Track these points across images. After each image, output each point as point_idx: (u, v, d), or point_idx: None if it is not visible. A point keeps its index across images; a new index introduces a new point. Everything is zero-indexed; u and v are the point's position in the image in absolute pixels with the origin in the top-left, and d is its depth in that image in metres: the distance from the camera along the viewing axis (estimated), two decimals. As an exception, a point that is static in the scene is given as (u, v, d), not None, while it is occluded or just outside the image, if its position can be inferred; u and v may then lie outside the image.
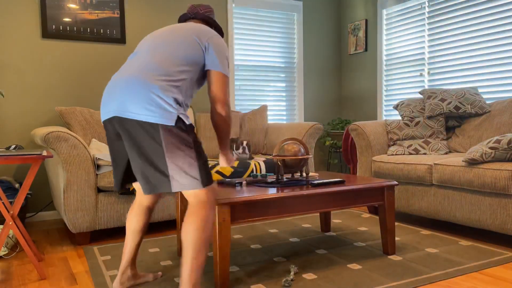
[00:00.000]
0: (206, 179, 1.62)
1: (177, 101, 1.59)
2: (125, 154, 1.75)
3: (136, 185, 1.91)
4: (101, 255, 2.45)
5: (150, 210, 1.93)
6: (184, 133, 1.58)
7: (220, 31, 2.02)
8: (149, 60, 1.65)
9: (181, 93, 1.63)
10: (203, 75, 1.78)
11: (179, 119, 1.58)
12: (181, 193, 2.31)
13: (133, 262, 1.92)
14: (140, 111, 1.55)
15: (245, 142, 3.31)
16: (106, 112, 1.65)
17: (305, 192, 2.04)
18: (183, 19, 1.97)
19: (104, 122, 1.70)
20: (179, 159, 1.56)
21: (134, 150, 1.60)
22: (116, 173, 1.80)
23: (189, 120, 1.62)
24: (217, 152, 3.72)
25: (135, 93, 1.56)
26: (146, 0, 3.85)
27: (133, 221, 1.90)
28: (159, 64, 1.63)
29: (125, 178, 1.80)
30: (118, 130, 1.64)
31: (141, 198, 1.91)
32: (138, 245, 1.91)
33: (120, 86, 1.61)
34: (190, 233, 1.56)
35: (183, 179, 1.57)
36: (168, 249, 2.55)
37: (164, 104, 1.55)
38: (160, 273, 2.07)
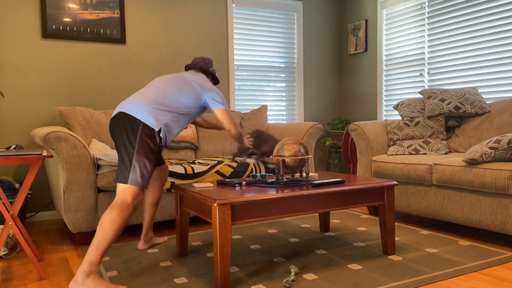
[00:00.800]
0: (146, 182, 2.02)
1: (159, 121, 2.08)
2: None
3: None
4: (101, 255, 2.45)
5: (161, 185, 2.44)
6: (153, 142, 2.04)
7: (215, 79, 2.58)
8: (153, 92, 2.19)
9: (167, 117, 2.13)
10: (199, 111, 2.32)
11: (160, 130, 2.07)
12: (180, 195, 2.31)
13: (150, 227, 2.44)
14: (134, 110, 2.06)
15: (267, 158, 3.11)
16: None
17: (305, 192, 2.04)
18: (186, 68, 2.54)
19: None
20: (141, 157, 2.00)
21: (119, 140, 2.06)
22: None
23: (161, 139, 2.11)
24: (214, 152, 3.74)
25: (134, 106, 2.10)
26: (146, 0, 3.85)
27: (149, 196, 2.41)
28: (159, 96, 2.16)
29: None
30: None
31: (154, 175, 2.41)
32: (154, 215, 2.44)
33: (125, 102, 2.15)
34: (104, 221, 1.90)
35: (134, 173, 1.98)
36: (168, 249, 2.55)
37: (151, 115, 2.07)
38: (166, 238, 2.51)
